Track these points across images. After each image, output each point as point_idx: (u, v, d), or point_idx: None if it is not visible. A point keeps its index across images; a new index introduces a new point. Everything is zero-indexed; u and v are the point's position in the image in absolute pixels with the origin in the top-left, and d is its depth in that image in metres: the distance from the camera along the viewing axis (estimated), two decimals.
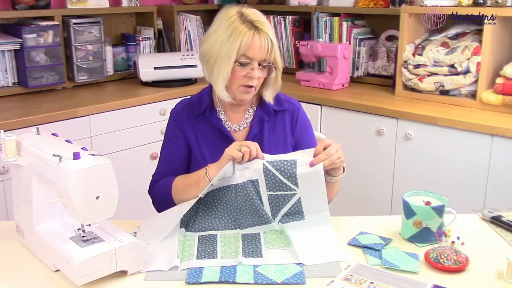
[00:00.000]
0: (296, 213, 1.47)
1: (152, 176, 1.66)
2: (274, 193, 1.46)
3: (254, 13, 1.54)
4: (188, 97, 1.71)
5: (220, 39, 1.51)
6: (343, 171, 1.54)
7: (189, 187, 1.50)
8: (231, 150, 1.43)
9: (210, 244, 1.40)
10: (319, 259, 1.33)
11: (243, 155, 1.42)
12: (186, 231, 1.46)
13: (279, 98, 1.67)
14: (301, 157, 1.45)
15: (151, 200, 1.65)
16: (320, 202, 1.46)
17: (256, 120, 1.63)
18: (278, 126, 1.65)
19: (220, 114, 1.64)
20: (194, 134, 1.62)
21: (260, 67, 1.53)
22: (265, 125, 1.63)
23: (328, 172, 1.51)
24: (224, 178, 1.45)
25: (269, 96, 1.61)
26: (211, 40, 1.54)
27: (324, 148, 1.45)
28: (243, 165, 1.45)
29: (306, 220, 1.46)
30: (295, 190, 1.45)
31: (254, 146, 1.44)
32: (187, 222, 1.47)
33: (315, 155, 1.44)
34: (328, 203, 1.63)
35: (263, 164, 1.44)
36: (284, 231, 1.43)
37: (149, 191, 1.65)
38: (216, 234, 1.45)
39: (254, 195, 1.45)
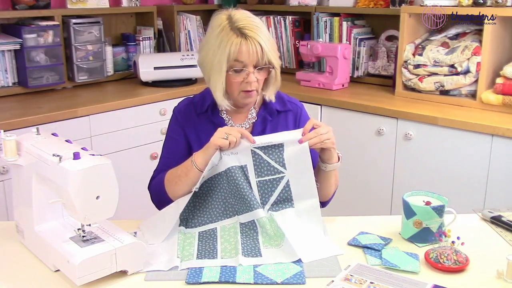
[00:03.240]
0: (285, 201, 1.47)
1: (153, 172, 1.67)
2: (263, 179, 1.47)
3: (242, 18, 1.52)
4: (191, 96, 1.72)
5: (212, 49, 1.52)
6: (338, 160, 1.54)
7: (180, 179, 1.50)
8: (217, 139, 1.42)
9: (210, 241, 1.41)
10: (315, 255, 1.34)
11: (229, 143, 1.43)
12: (186, 227, 1.46)
13: (282, 99, 1.68)
14: (289, 139, 1.46)
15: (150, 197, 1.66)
16: (307, 184, 1.47)
17: (259, 120, 1.64)
18: (281, 127, 1.65)
19: (222, 114, 1.64)
20: (196, 133, 1.63)
21: (256, 70, 1.52)
22: (267, 126, 1.63)
23: (322, 159, 1.52)
24: (213, 166, 1.45)
25: (270, 95, 1.62)
26: (205, 50, 1.56)
27: (314, 128, 1.47)
28: (229, 150, 1.45)
29: (295, 208, 1.47)
30: (283, 173, 1.46)
31: (240, 134, 1.44)
32: (186, 219, 1.47)
33: (303, 134, 1.46)
34: (327, 201, 1.63)
35: (251, 149, 1.45)
36: (274, 221, 1.43)
37: (148, 187, 1.65)
38: (216, 228, 1.45)
39: (243, 181, 1.45)
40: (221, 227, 1.46)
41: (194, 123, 1.64)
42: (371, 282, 1.21)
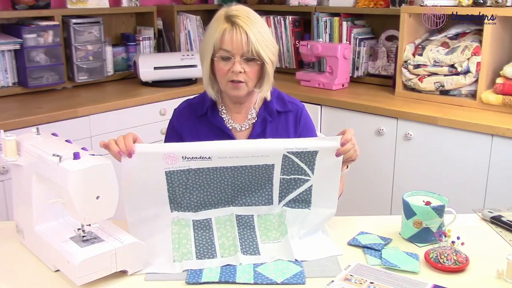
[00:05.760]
0: (303, 201, 1.45)
1: None
2: (288, 177, 1.43)
3: (239, 9, 1.54)
4: (191, 97, 1.72)
5: (205, 37, 1.58)
6: (347, 167, 1.54)
7: None
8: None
9: (206, 234, 1.39)
10: (314, 255, 1.34)
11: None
12: (178, 211, 1.41)
13: (283, 99, 1.68)
14: (325, 147, 1.41)
15: None
16: (330, 196, 1.45)
17: (259, 120, 1.63)
18: (281, 127, 1.65)
19: (222, 113, 1.64)
20: (196, 136, 1.61)
21: (244, 61, 1.51)
22: (267, 126, 1.63)
23: None
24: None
25: (264, 93, 1.61)
26: (202, 40, 1.61)
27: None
28: (259, 153, 1.39)
29: (311, 210, 1.45)
30: (309, 176, 1.43)
31: (122, 144, 1.35)
32: (177, 201, 1.41)
33: (342, 144, 1.41)
34: None
35: (284, 154, 1.40)
36: (283, 216, 1.42)
37: None
38: (210, 219, 1.43)
39: (263, 178, 1.42)
40: (216, 219, 1.43)
41: (194, 126, 1.63)
42: (371, 282, 1.21)
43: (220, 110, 1.65)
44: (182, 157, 1.38)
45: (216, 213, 1.44)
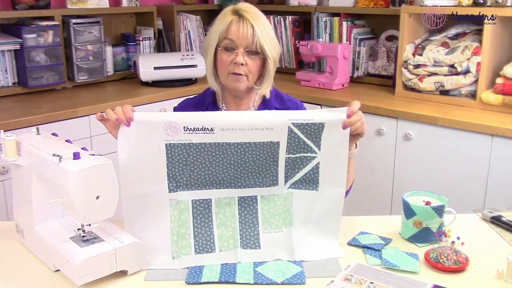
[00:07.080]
0: (310, 182, 1.41)
1: None
2: (294, 156, 1.38)
3: (247, 6, 1.57)
4: (191, 96, 1.73)
5: (210, 31, 1.60)
6: (356, 146, 1.50)
7: None
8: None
9: (205, 220, 1.36)
10: (313, 256, 1.34)
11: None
12: (176, 191, 1.37)
13: (282, 98, 1.69)
14: (332, 119, 1.37)
15: None
16: (338, 173, 1.40)
17: None
18: None
19: (222, 110, 1.65)
20: None
21: (247, 54, 1.53)
22: None
23: None
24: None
25: (264, 90, 1.61)
26: (207, 34, 1.62)
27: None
28: (264, 125, 1.34)
29: (320, 192, 1.40)
30: (316, 153, 1.39)
31: (121, 112, 1.34)
32: (178, 178, 1.37)
33: (348, 116, 1.38)
34: (346, 192, 1.53)
35: (289, 126, 1.35)
36: (289, 201, 1.39)
37: None
38: (210, 200, 1.38)
39: (268, 158, 1.37)
40: (216, 200, 1.38)
41: None
42: (371, 282, 1.21)
43: (220, 107, 1.66)
44: (184, 127, 1.33)
45: (217, 194, 1.39)
